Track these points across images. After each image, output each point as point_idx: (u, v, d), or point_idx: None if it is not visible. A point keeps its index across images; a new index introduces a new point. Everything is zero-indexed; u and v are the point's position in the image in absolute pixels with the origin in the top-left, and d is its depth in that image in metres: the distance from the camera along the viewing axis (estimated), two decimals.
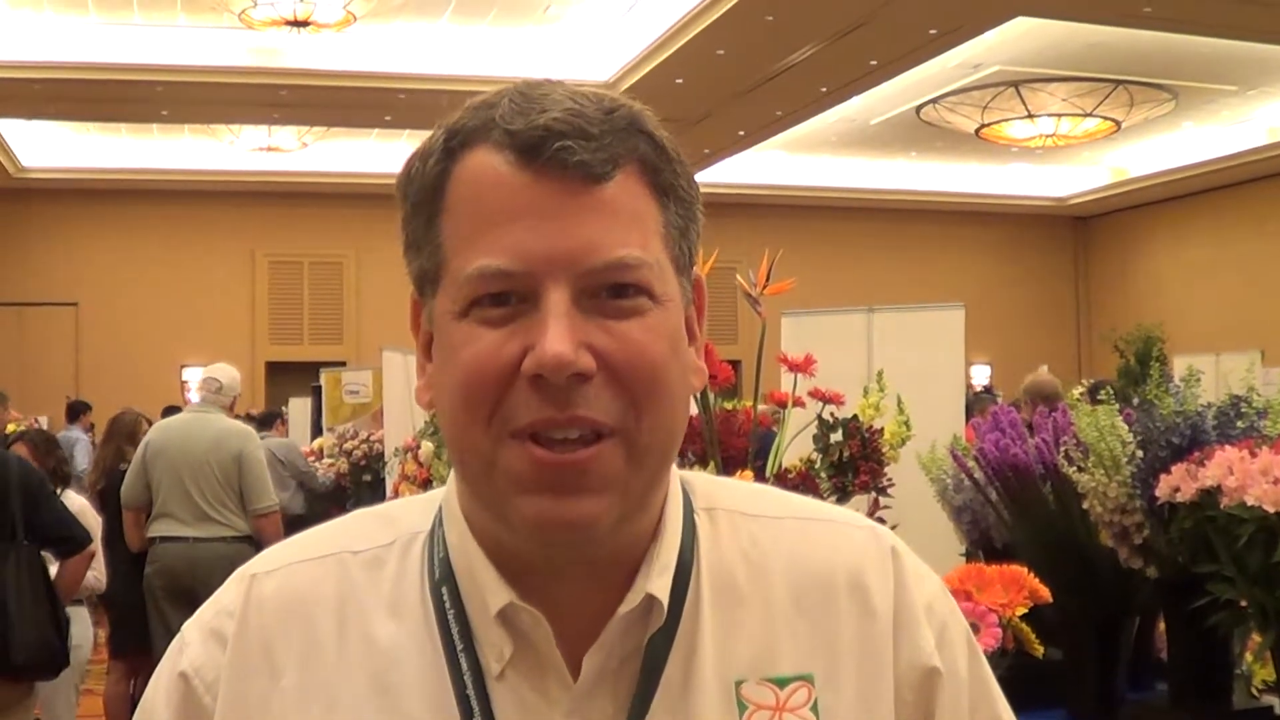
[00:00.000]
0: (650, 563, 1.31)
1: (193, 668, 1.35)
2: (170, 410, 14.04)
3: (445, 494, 1.39)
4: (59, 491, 7.82)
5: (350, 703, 1.30)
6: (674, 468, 1.38)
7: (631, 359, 1.22)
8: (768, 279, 3.66)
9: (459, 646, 1.30)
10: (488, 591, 1.29)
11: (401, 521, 1.41)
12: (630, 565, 1.31)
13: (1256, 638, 3.27)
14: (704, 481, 1.45)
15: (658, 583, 1.30)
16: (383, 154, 23.74)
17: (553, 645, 1.28)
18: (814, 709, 1.32)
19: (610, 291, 1.23)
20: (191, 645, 1.38)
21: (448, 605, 1.32)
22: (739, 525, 1.41)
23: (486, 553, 1.31)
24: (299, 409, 15.49)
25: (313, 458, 11.74)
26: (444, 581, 1.33)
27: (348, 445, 11.09)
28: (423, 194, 1.29)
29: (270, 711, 1.31)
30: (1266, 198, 25.20)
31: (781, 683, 1.32)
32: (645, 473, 1.26)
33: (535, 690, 1.28)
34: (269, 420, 13.76)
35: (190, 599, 8.35)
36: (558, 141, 1.21)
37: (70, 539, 6.86)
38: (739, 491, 1.48)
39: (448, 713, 1.28)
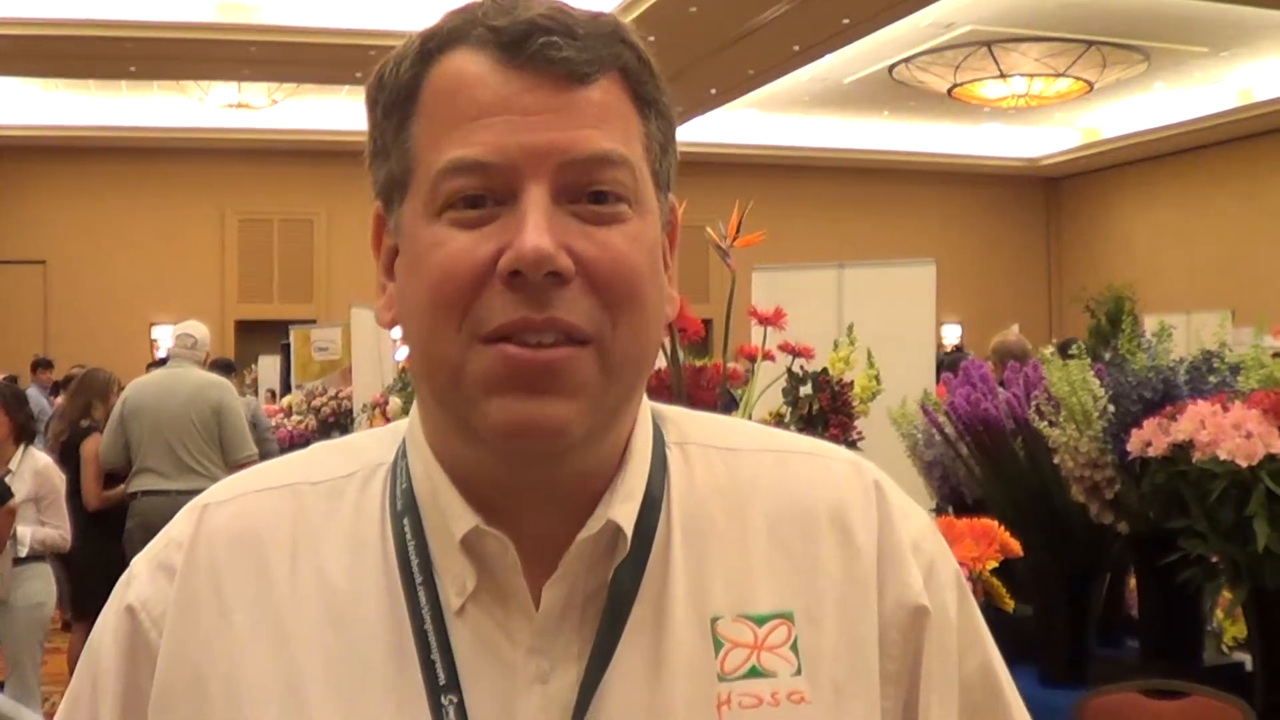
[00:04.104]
0: (613, 490, 1.26)
1: (139, 601, 1.30)
2: (154, 366, 13.94)
3: (409, 424, 1.34)
4: (25, 447, 7.80)
5: (302, 639, 1.24)
6: (646, 400, 1.33)
7: (611, 265, 1.18)
8: (738, 231, 3.63)
9: (418, 580, 1.25)
10: (452, 517, 1.24)
11: (364, 453, 1.36)
12: (595, 494, 1.25)
13: (1227, 594, 3.26)
14: (678, 415, 1.40)
15: (620, 510, 1.24)
16: (353, 111, 23.58)
17: (518, 573, 1.22)
18: (794, 648, 1.26)
19: (591, 196, 1.19)
20: (139, 578, 1.33)
21: (409, 537, 1.27)
22: (713, 459, 1.35)
23: (452, 479, 1.26)
24: (268, 367, 15.46)
25: (281, 414, 11.69)
26: (406, 512, 1.28)
27: (316, 402, 11.07)
28: (394, 98, 1.24)
29: (216, 647, 1.26)
30: (1236, 160, 25.29)
31: (760, 620, 1.27)
32: (619, 385, 1.21)
33: (497, 626, 1.23)
34: (225, 369, 13.33)
35: None
36: (542, 37, 1.18)
37: None
38: (714, 425, 1.42)
39: (404, 649, 1.23)
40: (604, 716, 1.21)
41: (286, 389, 13.41)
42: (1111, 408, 3.12)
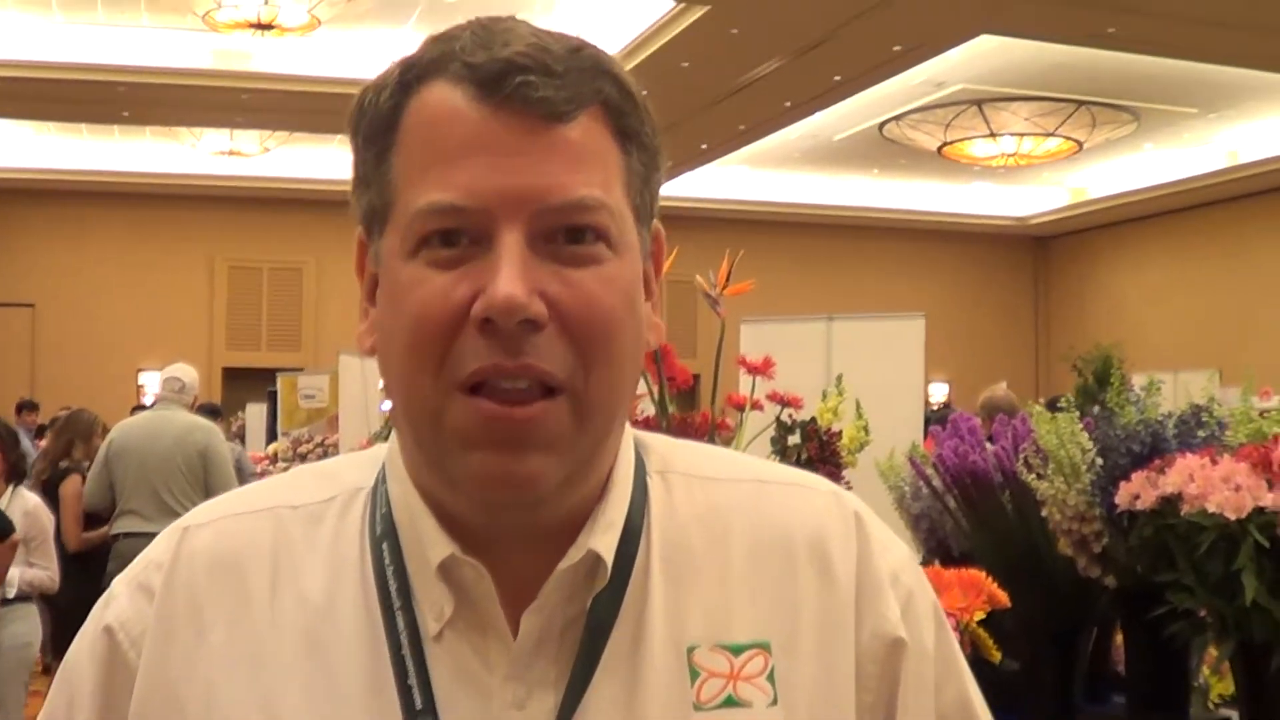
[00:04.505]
0: (594, 520, 1.26)
1: (118, 622, 1.30)
2: (139, 409, 13.89)
3: (389, 450, 1.34)
4: (14, 486, 7.78)
5: (280, 663, 1.24)
6: (629, 428, 1.33)
7: (585, 310, 1.18)
8: (728, 279, 3.63)
9: (396, 604, 1.25)
10: (429, 544, 1.24)
11: (344, 478, 1.36)
12: (574, 528, 1.26)
13: (1213, 651, 3.25)
14: (660, 444, 1.40)
15: (601, 540, 1.25)
16: (345, 160, 23.10)
17: (494, 602, 1.23)
18: (770, 678, 1.26)
19: (567, 235, 1.18)
20: (118, 599, 1.32)
21: (387, 562, 1.27)
22: (694, 489, 1.35)
23: (430, 506, 1.26)
24: (255, 415, 15.42)
25: (266, 462, 11.65)
26: (385, 537, 1.28)
27: (302, 449, 11.03)
28: (374, 128, 1.24)
29: (195, 669, 1.25)
30: (1225, 221, 25.35)
31: (736, 650, 1.27)
32: (592, 432, 1.22)
33: (474, 652, 1.23)
34: (211, 414, 13.19)
35: None
36: (520, 76, 1.17)
37: None
38: (697, 454, 1.42)
39: (381, 674, 1.23)
40: None
41: (272, 436, 13.37)
42: (1100, 461, 3.11)
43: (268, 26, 16.38)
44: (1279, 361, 20.27)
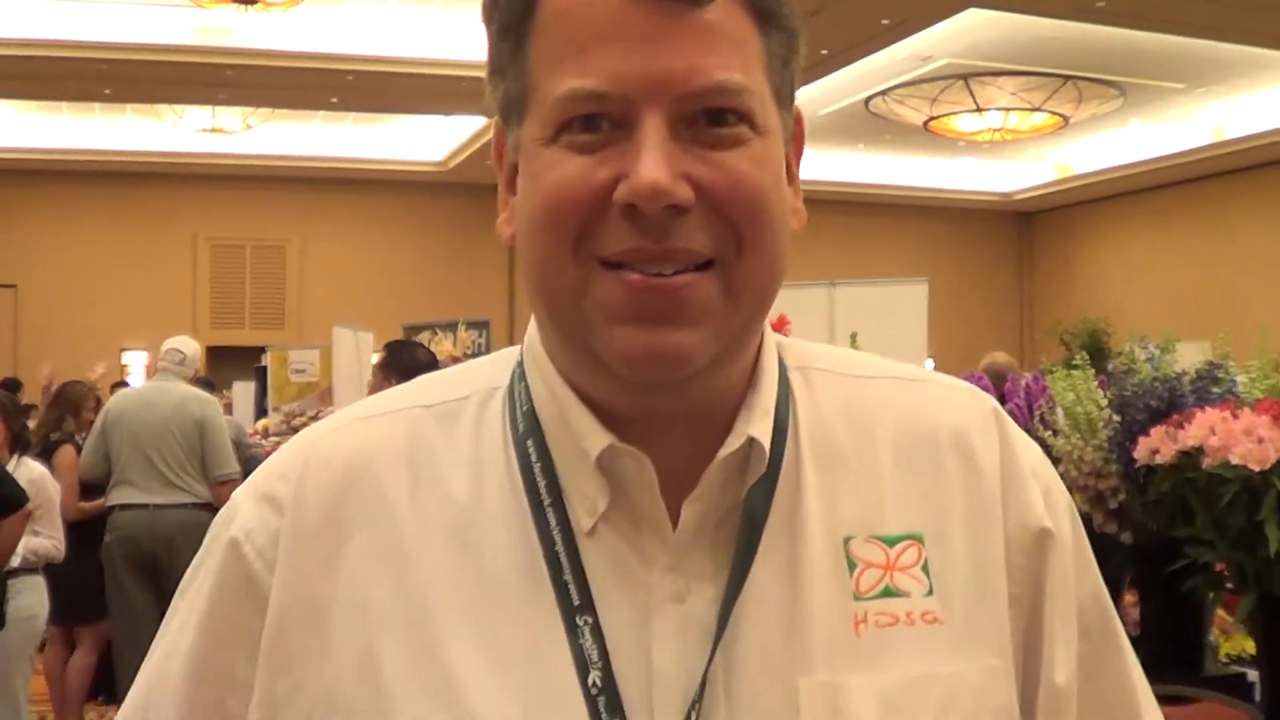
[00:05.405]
0: (749, 408, 1.25)
1: (244, 532, 1.27)
2: (119, 386, 13.86)
3: (525, 346, 1.32)
4: (19, 456, 7.75)
5: (427, 564, 1.22)
6: (768, 326, 1.31)
7: (734, 189, 1.16)
8: None
9: (546, 501, 1.23)
10: (584, 436, 1.22)
11: (475, 378, 1.34)
12: (726, 415, 1.24)
13: (1224, 615, 3.25)
14: (792, 342, 1.39)
15: (758, 427, 1.23)
16: (328, 137, 23.57)
17: (655, 492, 1.21)
18: (925, 569, 1.26)
19: (709, 118, 1.16)
20: (242, 509, 1.29)
21: (534, 458, 1.25)
22: (835, 384, 1.35)
23: (579, 398, 1.24)
24: (242, 392, 15.38)
25: (257, 437, 11.60)
26: (529, 434, 1.26)
27: (296, 423, 11.00)
28: (510, 15, 1.21)
29: (338, 576, 1.23)
30: (1210, 197, 25.40)
31: (890, 541, 1.26)
32: (743, 310, 1.20)
33: (630, 547, 1.21)
34: (207, 387, 13.13)
35: (151, 567, 8.32)
36: None
37: (3, 498, 6.79)
38: (830, 352, 1.42)
39: (535, 572, 1.21)
40: (743, 634, 1.20)
41: (261, 412, 13.33)
42: (1116, 417, 3.11)
43: (251, 1, 16.31)
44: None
